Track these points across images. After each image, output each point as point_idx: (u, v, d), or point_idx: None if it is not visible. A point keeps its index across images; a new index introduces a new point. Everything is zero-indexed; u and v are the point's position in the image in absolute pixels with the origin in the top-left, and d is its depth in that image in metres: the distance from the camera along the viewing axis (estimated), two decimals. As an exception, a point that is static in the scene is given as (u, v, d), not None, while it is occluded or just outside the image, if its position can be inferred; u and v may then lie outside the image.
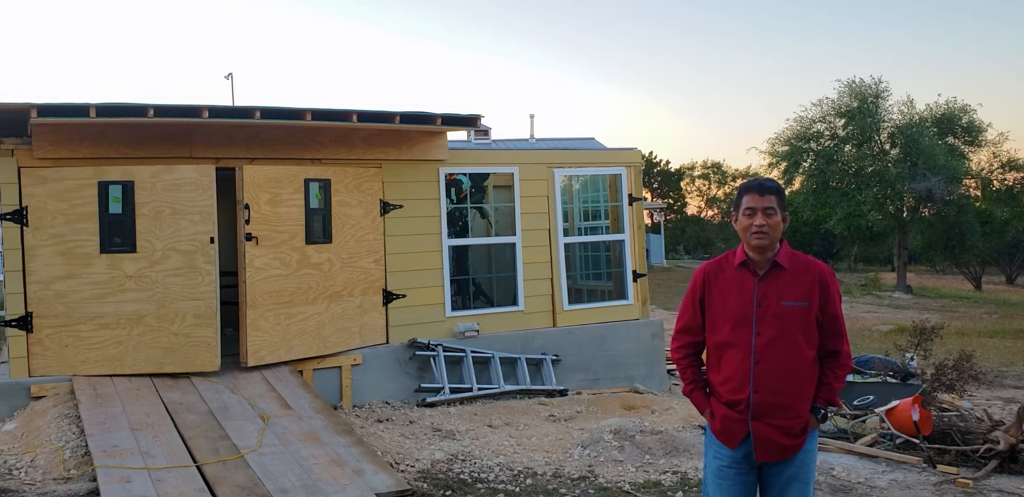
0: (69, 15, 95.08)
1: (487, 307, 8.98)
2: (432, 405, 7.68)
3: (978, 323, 19.05)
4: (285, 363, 7.33)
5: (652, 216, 37.28)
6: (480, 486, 5.41)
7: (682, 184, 53.39)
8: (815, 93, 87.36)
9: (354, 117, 7.09)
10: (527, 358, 8.53)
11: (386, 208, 8.07)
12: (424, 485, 5.36)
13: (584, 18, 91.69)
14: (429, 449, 6.20)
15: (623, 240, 9.50)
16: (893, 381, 8.79)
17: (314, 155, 7.75)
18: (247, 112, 6.78)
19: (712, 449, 3.40)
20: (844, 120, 29.28)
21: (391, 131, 7.86)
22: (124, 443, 5.45)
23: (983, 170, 30.56)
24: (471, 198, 9.35)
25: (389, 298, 8.09)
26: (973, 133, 29.43)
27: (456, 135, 18.04)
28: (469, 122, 7.84)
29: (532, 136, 24.15)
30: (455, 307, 8.52)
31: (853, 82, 29.17)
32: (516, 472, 5.70)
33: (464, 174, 9.02)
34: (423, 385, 7.90)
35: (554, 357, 8.70)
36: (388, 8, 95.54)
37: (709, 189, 56.22)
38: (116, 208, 6.85)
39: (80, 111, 6.29)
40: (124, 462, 5.16)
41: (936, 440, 6.28)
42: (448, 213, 8.53)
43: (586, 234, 9.95)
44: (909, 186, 27.53)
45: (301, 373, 7.32)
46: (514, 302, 8.84)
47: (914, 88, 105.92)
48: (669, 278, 28.06)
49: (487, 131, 21.75)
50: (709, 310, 3.37)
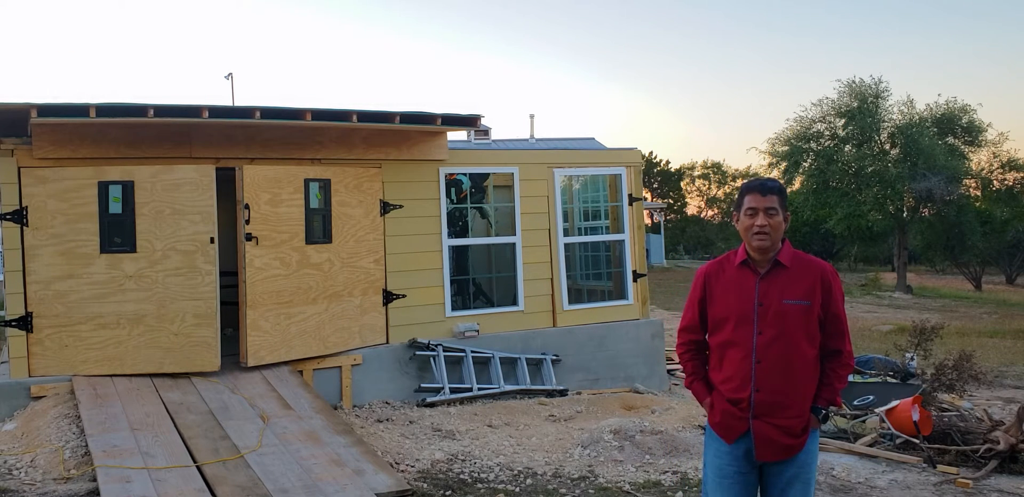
0: (69, 15, 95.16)
1: (487, 307, 8.98)
2: (432, 405, 7.68)
3: (978, 323, 19.03)
4: (285, 363, 7.33)
5: (652, 216, 37.27)
6: (480, 486, 5.41)
7: (682, 184, 53.41)
8: (815, 93, 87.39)
9: (354, 117, 7.09)
10: (527, 358, 8.53)
11: (386, 208, 8.07)
12: (424, 485, 5.36)
13: (584, 18, 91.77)
14: (429, 449, 6.20)
15: (623, 240, 9.50)
16: (893, 381, 8.79)
17: (314, 155, 7.75)
18: (247, 112, 6.78)
19: (712, 448, 3.40)
20: (844, 120, 29.24)
21: (391, 131, 7.87)
22: (124, 443, 5.45)
23: (983, 170, 30.52)
24: (471, 198, 9.35)
25: (389, 298, 8.09)
26: (973, 133, 29.38)
27: (456, 135, 18.03)
28: (469, 122, 7.84)
29: (532, 136, 24.13)
30: (455, 307, 8.52)
31: (853, 82, 29.16)
32: (516, 472, 5.71)
33: (464, 174, 9.02)
34: (423, 385, 7.90)
35: (554, 357, 8.70)
36: (388, 8, 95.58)
37: (709, 189, 56.24)
38: (116, 208, 6.86)
39: (80, 111, 6.29)
40: (124, 462, 5.16)
41: (936, 440, 6.28)
42: (448, 213, 8.53)
43: (586, 234, 9.95)
44: (909, 186, 27.50)
45: (301, 373, 7.32)
46: (514, 302, 8.84)
47: (914, 88, 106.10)
48: (669, 278, 28.07)
49: (487, 131, 21.72)
50: (711, 309, 3.38)
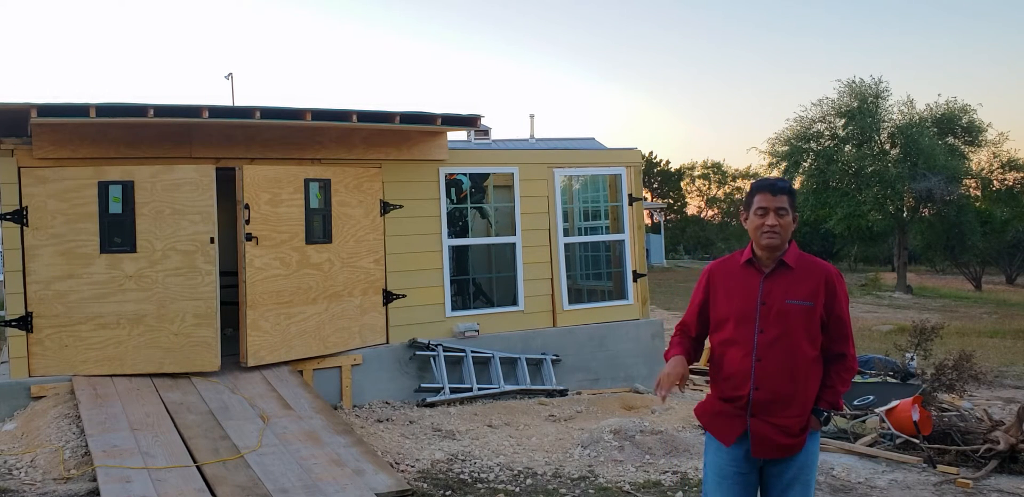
0: (69, 15, 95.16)
1: (487, 307, 8.98)
2: (432, 405, 7.68)
3: (978, 323, 19.04)
4: (285, 363, 7.33)
5: (652, 216, 37.26)
6: (480, 486, 5.41)
7: (682, 184, 53.37)
8: (815, 93, 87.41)
9: (354, 117, 7.09)
10: (527, 358, 8.53)
11: (386, 208, 8.07)
12: (424, 485, 5.36)
13: (584, 18, 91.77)
14: (429, 449, 6.20)
15: (623, 240, 9.50)
16: (893, 381, 8.79)
17: (314, 155, 7.75)
18: (247, 112, 6.78)
19: (713, 448, 3.40)
20: (844, 120, 29.25)
21: (391, 131, 7.87)
22: (124, 443, 5.45)
23: (983, 170, 30.53)
24: (471, 198, 9.35)
25: (389, 298, 8.09)
26: (973, 133, 29.39)
27: (456, 135, 18.01)
28: (469, 122, 7.84)
29: (532, 136, 24.11)
30: (455, 307, 8.52)
31: (853, 82, 29.17)
32: (516, 472, 5.71)
33: (464, 174, 9.02)
34: (423, 385, 7.90)
35: (554, 357, 8.70)
36: (388, 8, 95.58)
37: (709, 189, 56.20)
38: (116, 208, 6.86)
39: (80, 111, 6.29)
40: (124, 462, 5.16)
41: (936, 440, 6.27)
42: (448, 213, 8.53)
43: (586, 234, 9.95)
44: (909, 186, 27.50)
45: (301, 373, 7.32)
46: (514, 302, 8.84)
47: (914, 88, 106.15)
48: (669, 278, 28.08)
49: (487, 131, 21.70)
50: (714, 308, 3.39)
